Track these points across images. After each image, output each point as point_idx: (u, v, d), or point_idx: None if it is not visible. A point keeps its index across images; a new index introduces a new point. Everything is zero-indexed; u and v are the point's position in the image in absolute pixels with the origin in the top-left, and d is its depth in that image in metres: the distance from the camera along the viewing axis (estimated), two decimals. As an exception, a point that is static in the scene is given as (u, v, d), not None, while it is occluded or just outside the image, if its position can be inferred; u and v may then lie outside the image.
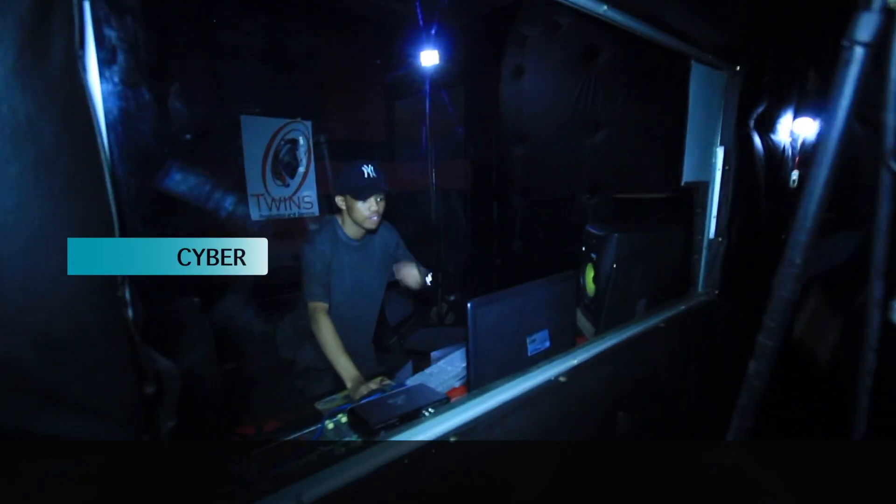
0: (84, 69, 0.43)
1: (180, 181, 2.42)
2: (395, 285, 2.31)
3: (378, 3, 3.95)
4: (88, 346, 0.40)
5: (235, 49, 3.52)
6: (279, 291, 3.32)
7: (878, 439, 0.34)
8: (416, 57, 3.95)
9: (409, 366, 1.85)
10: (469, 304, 1.23)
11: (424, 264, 2.20)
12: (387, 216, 2.07)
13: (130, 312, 0.46)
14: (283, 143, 4.01)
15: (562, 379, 1.01)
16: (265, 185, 3.92)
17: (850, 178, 0.68)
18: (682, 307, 1.57)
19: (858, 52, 0.36)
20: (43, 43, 0.39)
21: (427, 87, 4.30)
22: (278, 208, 4.03)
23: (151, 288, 0.79)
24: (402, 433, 0.80)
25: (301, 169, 4.16)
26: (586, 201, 3.78)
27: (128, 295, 0.45)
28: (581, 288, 2.19)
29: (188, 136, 2.60)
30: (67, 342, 0.39)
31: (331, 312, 1.89)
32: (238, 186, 3.67)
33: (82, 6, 0.44)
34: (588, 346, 1.19)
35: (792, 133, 1.93)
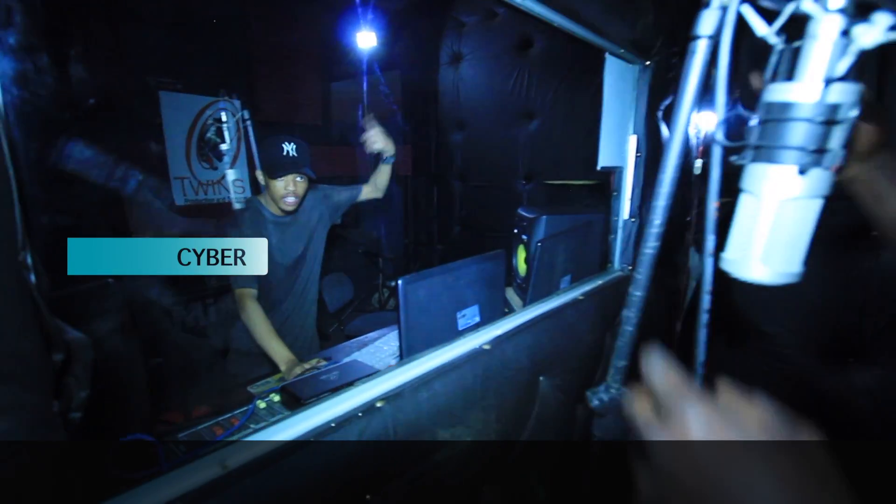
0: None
1: (89, 157, 2.23)
2: (333, 271, 2.29)
3: (312, -21, 3.81)
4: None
5: (153, 17, 3.25)
6: (206, 278, 3.17)
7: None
8: (353, 38, 3.87)
9: (352, 345, 1.86)
10: (400, 281, 1.27)
11: (364, 252, 2.20)
12: None
13: (33, 277, 0.45)
14: (209, 122, 3.78)
15: (486, 346, 1.09)
16: (190, 168, 3.69)
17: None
18: (600, 282, 1.71)
19: (702, 43, 0.44)
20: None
21: (364, 69, 4.23)
22: (206, 192, 3.81)
23: (62, 265, 0.76)
24: (330, 401, 0.83)
25: (230, 150, 3.95)
26: (522, 187, 3.94)
27: (29, 259, 0.45)
28: (514, 268, 2.31)
29: (92, 101, 2.39)
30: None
31: (267, 294, 1.84)
32: (159, 168, 3.42)
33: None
34: (511, 317, 1.28)
35: (695, 125, 2.14)
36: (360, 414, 0.80)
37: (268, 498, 0.66)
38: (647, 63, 1.61)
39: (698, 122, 2.16)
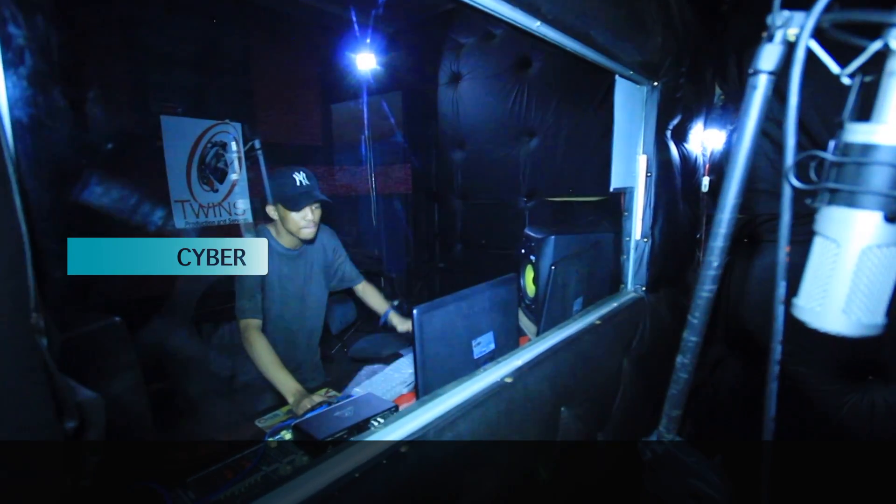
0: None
1: (99, 192, 2.21)
2: (336, 291, 2.26)
3: (312, 5, 3.84)
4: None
5: (160, 50, 3.27)
6: (211, 303, 3.12)
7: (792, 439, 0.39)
8: (353, 61, 3.90)
9: (362, 374, 1.81)
10: (415, 311, 1.23)
11: (365, 272, 2.18)
12: (328, 222, 2.01)
13: (45, 342, 0.41)
14: (209, 145, 3.78)
15: (508, 380, 1.04)
16: (191, 191, 3.66)
17: (749, 182, 0.76)
18: (615, 304, 1.67)
19: (762, 79, 0.41)
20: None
21: (364, 91, 4.26)
22: (206, 215, 3.78)
23: (67, 309, 0.72)
24: (350, 446, 0.78)
25: (232, 174, 3.95)
26: (524, 205, 3.92)
27: (41, 323, 0.41)
28: (521, 289, 2.28)
29: (109, 146, 2.40)
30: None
31: (271, 325, 1.81)
32: (161, 192, 3.41)
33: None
34: (531, 346, 1.23)
35: (702, 143, 2.13)
36: (384, 461, 0.75)
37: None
38: (655, 84, 1.60)
39: (704, 140, 2.16)
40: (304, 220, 1.74)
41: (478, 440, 0.91)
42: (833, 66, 0.37)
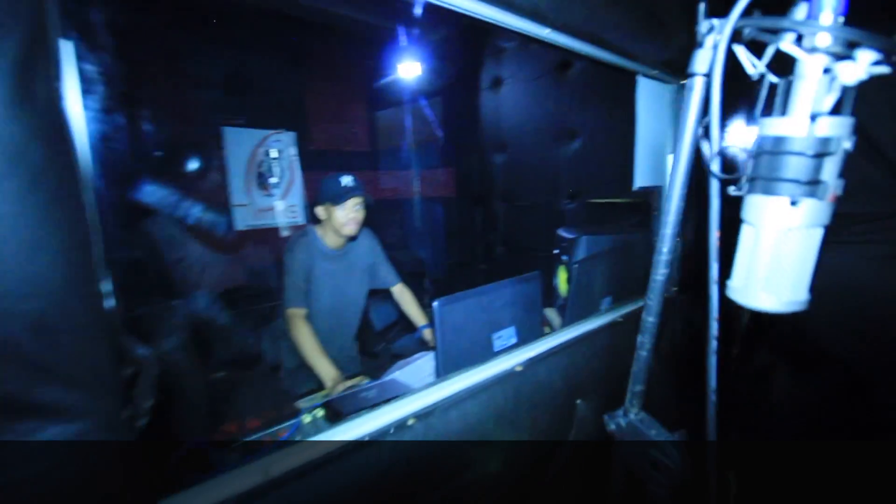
0: (61, 99, 0.51)
1: (161, 194, 2.49)
2: (378, 291, 2.40)
3: (358, 17, 4.06)
4: (74, 330, 0.48)
5: (222, 68, 3.60)
6: (265, 299, 3.38)
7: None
8: (397, 68, 4.06)
9: (395, 366, 1.92)
10: (436, 303, 1.32)
11: (409, 272, 2.30)
12: (372, 223, 2.15)
13: (110, 303, 0.54)
14: (265, 153, 4.08)
15: (518, 368, 1.10)
16: (249, 195, 3.97)
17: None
18: (642, 304, 1.66)
19: (698, 81, 0.46)
20: (29, 80, 0.47)
21: (408, 97, 4.42)
22: (263, 218, 4.08)
23: (135, 290, 0.87)
24: (365, 417, 0.88)
25: (285, 179, 4.23)
26: (565, 206, 3.90)
27: (107, 288, 0.53)
28: (554, 288, 2.30)
29: (160, 153, 2.70)
30: (57, 326, 0.47)
31: (312, 318, 1.96)
32: (223, 197, 3.73)
33: (58, 47, 0.52)
34: (545, 339, 1.28)
35: (749, 138, 2.05)
36: (392, 430, 0.84)
37: (305, 506, 0.71)
38: (683, 82, 1.59)
39: (735, 137, 2.07)
40: (347, 216, 1.89)
41: (483, 421, 0.97)
42: (749, 67, 0.41)
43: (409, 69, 3.99)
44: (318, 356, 1.74)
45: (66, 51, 0.54)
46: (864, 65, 0.35)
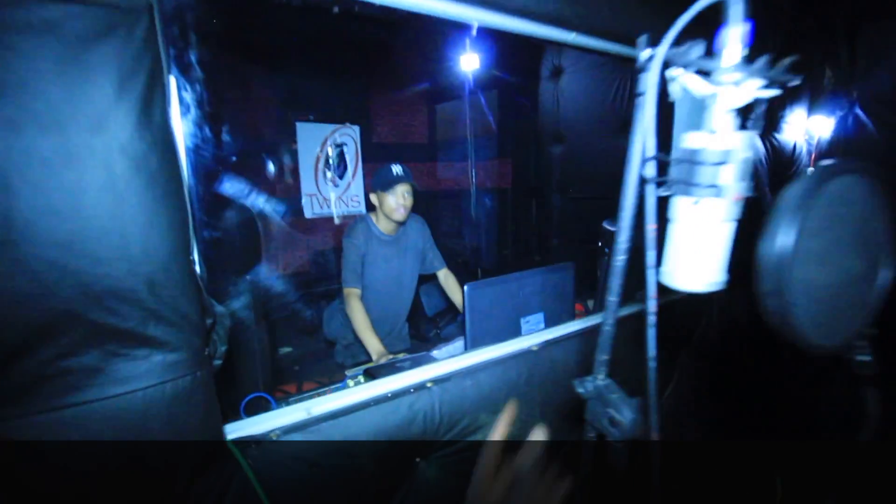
0: (169, 121, 0.70)
1: (244, 187, 2.86)
2: (431, 279, 2.57)
3: (419, 14, 4.22)
4: (174, 287, 0.68)
5: (294, 68, 3.94)
6: (326, 282, 3.71)
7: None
8: (456, 62, 4.16)
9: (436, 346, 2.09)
10: (466, 287, 1.45)
11: (462, 262, 2.44)
12: (429, 213, 2.33)
13: (198, 269, 0.74)
14: (333, 146, 4.40)
15: (533, 348, 1.21)
16: (318, 186, 4.32)
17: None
18: (676, 297, 1.68)
19: (645, 99, 0.56)
20: (149, 108, 0.67)
21: (466, 90, 4.52)
22: (329, 207, 4.42)
23: (217, 265, 1.09)
24: (392, 378, 1.04)
25: (349, 170, 4.53)
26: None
27: (195, 257, 0.73)
28: (599, 280, 2.34)
29: (244, 150, 3.06)
30: (163, 283, 0.67)
31: (367, 297, 2.18)
32: (295, 187, 4.10)
33: (167, 83, 0.72)
34: (563, 325, 1.37)
35: (807, 131, 1.96)
36: (412, 390, 1.00)
37: (336, 440, 0.89)
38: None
39: (809, 127, 1.97)
40: (397, 202, 2.08)
41: (495, 391, 1.10)
42: (672, 91, 0.50)
43: (468, 61, 4.08)
44: (367, 332, 1.94)
45: (172, 85, 0.74)
46: (751, 90, 0.43)
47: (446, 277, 2.43)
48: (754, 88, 0.43)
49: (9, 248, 0.58)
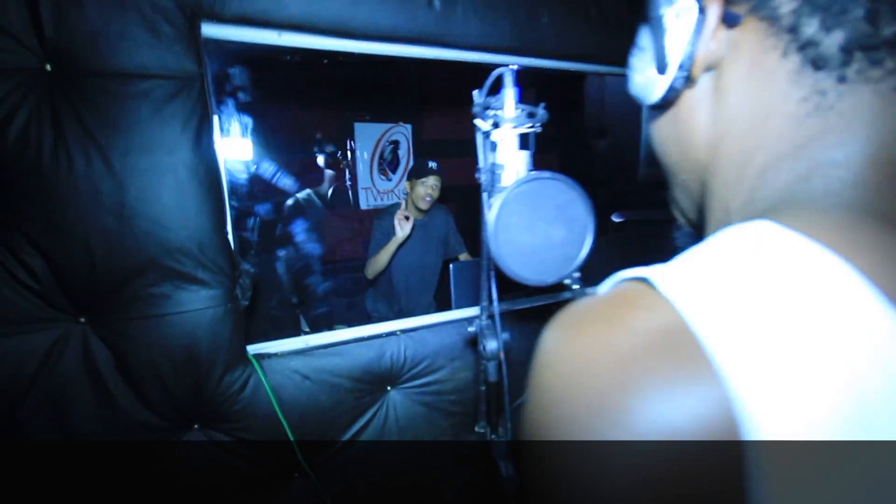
0: (212, 142, 1.11)
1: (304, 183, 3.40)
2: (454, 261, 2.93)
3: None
4: (214, 248, 1.09)
5: (351, 73, 4.41)
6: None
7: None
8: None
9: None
10: (451, 265, 1.78)
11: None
12: (471, 206, 2.66)
13: (230, 239, 1.15)
14: (387, 143, 4.85)
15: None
16: (372, 180, 4.80)
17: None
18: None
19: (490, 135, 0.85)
20: (201, 135, 1.07)
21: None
22: (382, 199, 4.89)
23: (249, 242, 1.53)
24: (371, 325, 1.41)
25: (402, 165, 4.96)
26: (663, 193, 3.86)
27: (228, 230, 1.14)
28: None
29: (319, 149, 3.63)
30: (207, 245, 1.08)
31: (397, 275, 2.58)
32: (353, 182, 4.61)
33: (212, 117, 1.12)
34: (522, 301, 1.64)
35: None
36: (384, 335, 1.36)
37: (330, 366, 1.27)
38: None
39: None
40: (426, 191, 2.44)
41: (455, 343, 1.42)
42: (483, 126, 0.79)
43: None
44: (384, 251, 2.39)
45: (215, 122, 1.15)
46: (508, 128, 0.72)
47: (466, 260, 2.75)
48: (510, 127, 0.71)
49: (124, 221, 1.02)
